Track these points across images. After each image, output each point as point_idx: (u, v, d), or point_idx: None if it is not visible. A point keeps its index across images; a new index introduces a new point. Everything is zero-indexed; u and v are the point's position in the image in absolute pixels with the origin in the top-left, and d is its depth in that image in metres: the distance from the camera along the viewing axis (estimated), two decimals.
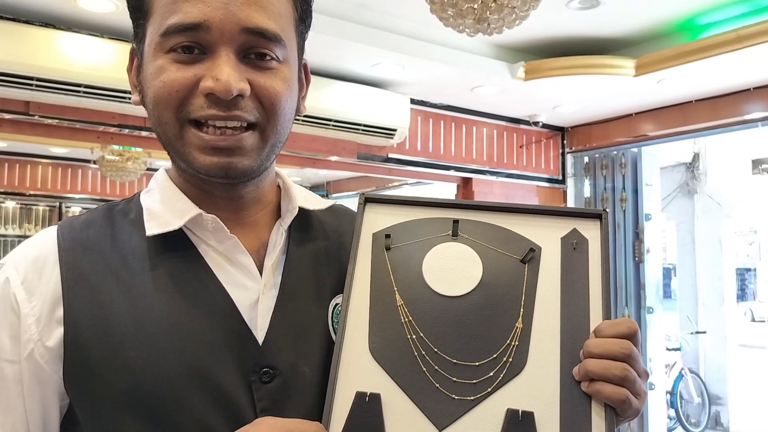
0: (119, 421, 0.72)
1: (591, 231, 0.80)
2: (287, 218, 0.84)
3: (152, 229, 0.78)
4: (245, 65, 0.75)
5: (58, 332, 0.74)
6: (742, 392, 6.80)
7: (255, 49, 0.75)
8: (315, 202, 0.90)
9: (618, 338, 0.71)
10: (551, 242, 0.80)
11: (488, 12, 2.24)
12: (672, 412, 6.20)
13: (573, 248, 0.79)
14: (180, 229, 0.78)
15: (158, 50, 0.74)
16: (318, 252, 0.87)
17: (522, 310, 0.76)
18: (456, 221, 0.82)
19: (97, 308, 0.74)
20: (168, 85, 0.73)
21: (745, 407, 6.80)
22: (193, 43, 0.73)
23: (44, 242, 0.79)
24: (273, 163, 0.85)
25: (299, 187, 0.91)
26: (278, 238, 0.83)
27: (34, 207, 7.66)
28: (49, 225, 7.55)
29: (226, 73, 0.72)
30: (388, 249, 0.81)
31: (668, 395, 6.06)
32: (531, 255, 0.79)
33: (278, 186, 0.90)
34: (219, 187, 0.81)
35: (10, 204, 7.52)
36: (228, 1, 0.72)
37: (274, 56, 0.76)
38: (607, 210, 0.86)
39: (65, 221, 0.83)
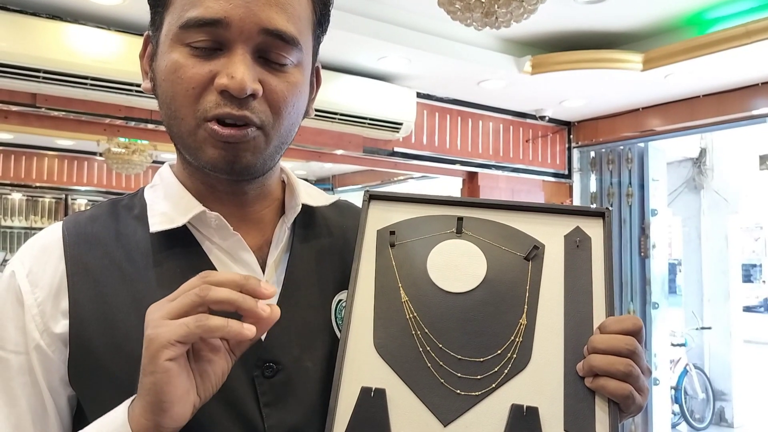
0: None
1: (594, 229, 0.81)
2: (290, 215, 0.85)
3: (156, 225, 0.79)
4: (259, 65, 0.75)
5: (63, 324, 0.75)
6: (746, 388, 6.79)
7: (271, 50, 0.75)
8: (319, 198, 0.90)
9: (623, 334, 0.71)
10: (555, 240, 0.81)
11: (496, 5, 2.23)
12: (676, 408, 6.20)
13: (576, 246, 0.80)
14: (184, 226, 0.79)
15: (175, 41, 0.74)
16: (322, 248, 0.87)
17: (526, 306, 0.77)
18: (460, 218, 0.83)
19: (101, 302, 0.75)
20: (186, 81, 0.73)
21: (749, 403, 6.79)
22: (210, 39, 0.73)
23: (50, 237, 0.80)
24: (278, 162, 0.86)
25: (304, 183, 0.91)
26: (281, 235, 0.84)
27: (40, 199, 7.70)
28: (55, 217, 7.63)
29: (241, 71, 0.72)
30: (392, 246, 0.82)
31: (673, 391, 6.06)
32: (535, 252, 0.79)
33: (283, 182, 0.90)
34: (223, 183, 0.81)
35: (17, 196, 7.57)
36: (250, 0, 0.72)
37: (290, 59, 0.76)
38: (610, 208, 0.86)
39: (70, 217, 0.84)
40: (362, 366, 0.75)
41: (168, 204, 0.81)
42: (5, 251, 7.31)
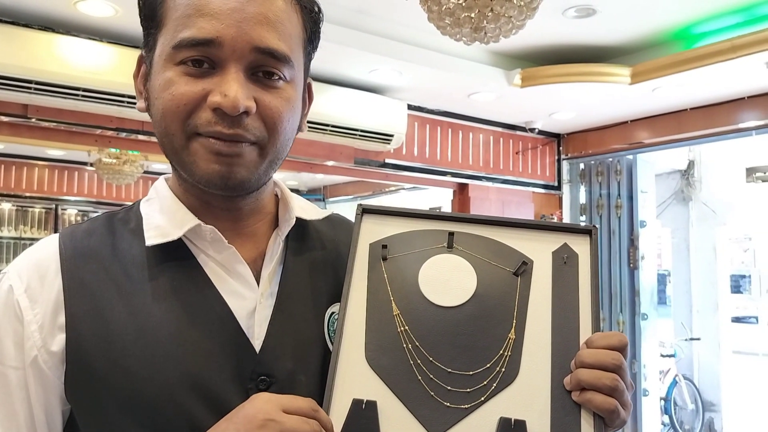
0: (118, 427, 0.73)
1: (581, 246, 0.82)
2: (285, 228, 0.86)
3: (152, 239, 0.80)
4: (252, 83, 0.76)
5: (60, 339, 0.75)
6: (735, 399, 6.81)
7: (263, 67, 0.76)
8: (312, 212, 0.91)
9: (609, 350, 0.73)
10: (543, 256, 0.82)
11: (485, 21, 2.26)
12: (666, 419, 6.21)
13: (564, 262, 0.81)
14: (179, 239, 0.80)
15: (168, 61, 0.76)
16: (315, 261, 0.88)
17: (515, 321, 0.78)
18: (451, 233, 0.84)
19: (97, 316, 0.76)
20: (177, 98, 0.75)
21: (738, 414, 6.81)
22: (203, 58, 0.74)
23: (46, 250, 0.80)
24: (272, 176, 0.87)
25: (297, 197, 0.92)
26: (276, 247, 0.85)
27: (30, 209, 7.65)
28: (45, 227, 7.58)
29: (234, 89, 0.73)
30: (384, 259, 0.83)
31: (662, 401, 6.08)
32: (523, 268, 0.81)
33: (276, 196, 0.92)
34: (218, 198, 0.82)
35: (6, 206, 7.51)
36: (241, 20, 0.74)
37: (282, 76, 0.78)
38: (597, 226, 0.88)
39: (66, 230, 0.84)
40: (354, 378, 0.76)
41: (163, 217, 0.82)
42: None
